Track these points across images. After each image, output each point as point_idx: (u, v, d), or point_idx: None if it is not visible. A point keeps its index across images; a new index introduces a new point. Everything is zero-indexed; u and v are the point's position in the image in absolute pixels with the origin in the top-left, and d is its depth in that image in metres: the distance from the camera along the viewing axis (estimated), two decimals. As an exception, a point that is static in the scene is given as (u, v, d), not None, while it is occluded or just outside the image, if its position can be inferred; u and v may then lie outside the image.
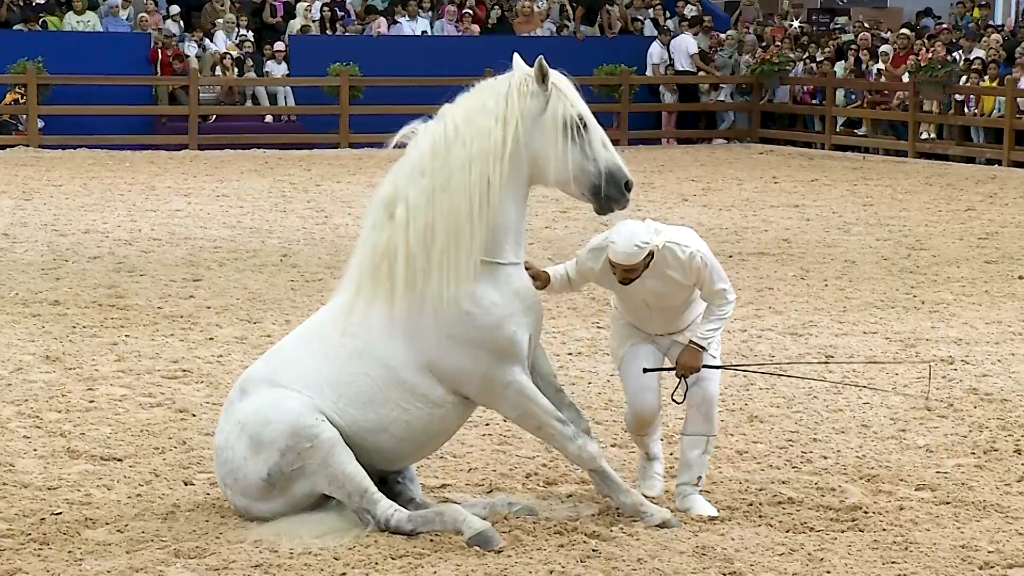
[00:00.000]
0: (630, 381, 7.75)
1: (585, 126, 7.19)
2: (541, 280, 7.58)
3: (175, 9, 31.06)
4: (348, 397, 7.20)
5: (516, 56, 7.32)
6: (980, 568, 6.92)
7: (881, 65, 30.14)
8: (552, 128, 7.17)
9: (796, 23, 34.40)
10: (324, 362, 7.25)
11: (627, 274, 7.39)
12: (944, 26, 31.91)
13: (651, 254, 7.35)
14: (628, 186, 7.28)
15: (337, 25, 31.65)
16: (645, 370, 7.64)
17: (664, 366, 7.72)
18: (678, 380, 7.58)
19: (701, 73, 32.15)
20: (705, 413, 7.62)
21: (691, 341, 7.53)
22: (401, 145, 7.31)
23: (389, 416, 7.20)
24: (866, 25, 32.79)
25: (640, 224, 7.42)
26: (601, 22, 33.01)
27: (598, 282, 7.69)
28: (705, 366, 7.53)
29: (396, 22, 32.01)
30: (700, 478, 7.66)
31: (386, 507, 7.18)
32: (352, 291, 7.30)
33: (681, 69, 32.18)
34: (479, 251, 7.12)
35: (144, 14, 30.32)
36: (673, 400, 7.68)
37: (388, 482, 7.52)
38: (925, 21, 33.98)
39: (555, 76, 7.30)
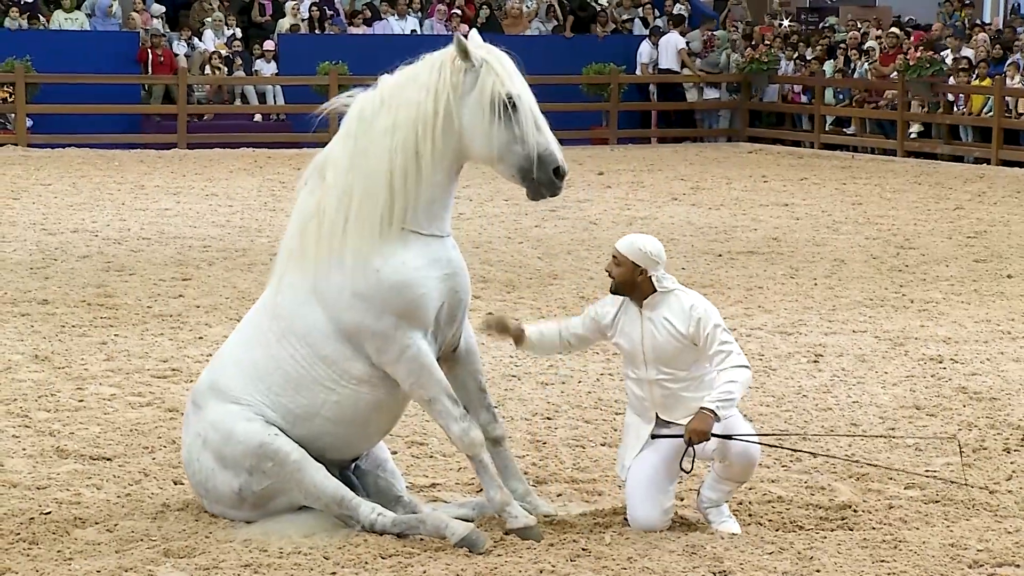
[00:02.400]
0: (635, 496, 7.33)
1: (514, 105, 7.02)
2: (515, 338, 7.47)
3: (158, 8, 31.04)
4: (279, 385, 7.19)
5: (458, 37, 7.22)
6: (969, 567, 6.93)
7: (866, 66, 30.16)
8: (478, 104, 7.04)
9: (786, 22, 34.41)
10: (257, 352, 7.26)
11: (613, 264, 7.26)
12: (933, 25, 31.96)
13: (643, 273, 7.21)
14: (559, 172, 7.07)
15: (326, 24, 31.66)
16: (653, 435, 7.30)
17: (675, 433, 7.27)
18: (686, 447, 7.14)
19: (687, 71, 32.14)
20: (743, 470, 7.28)
21: (702, 407, 7.11)
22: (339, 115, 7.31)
23: (318, 398, 7.17)
24: (858, 24, 32.80)
25: (656, 243, 7.28)
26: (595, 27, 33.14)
27: (610, 328, 7.37)
28: (714, 435, 7.12)
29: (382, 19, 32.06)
30: (725, 503, 7.40)
31: (368, 511, 7.16)
32: (280, 264, 7.31)
33: (664, 68, 32.15)
34: (399, 218, 7.07)
35: (134, 13, 30.29)
36: (681, 469, 7.23)
37: (370, 477, 7.51)
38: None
39: (490, 53, 7.14)
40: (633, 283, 7.28)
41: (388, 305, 7.04)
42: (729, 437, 7.17)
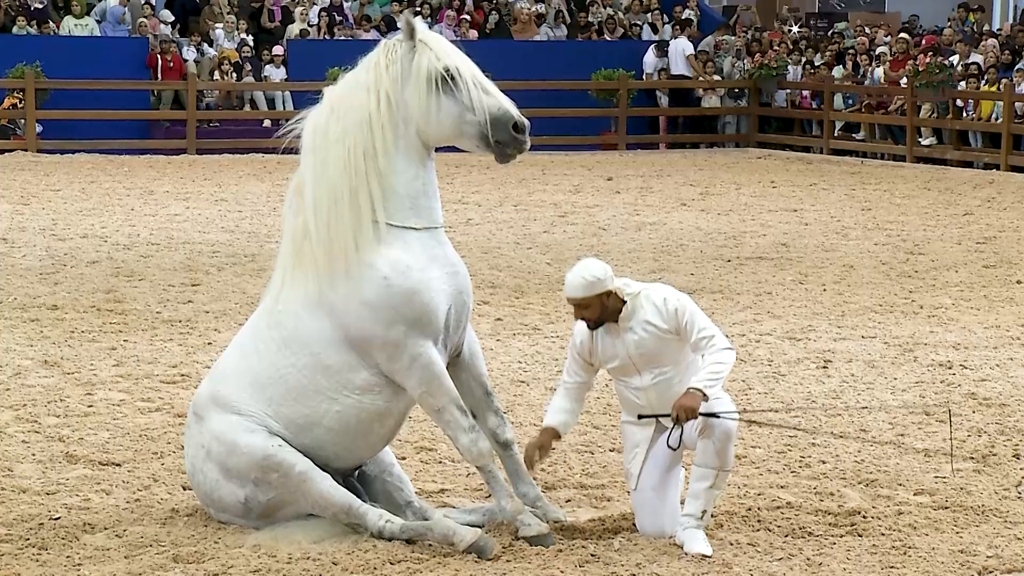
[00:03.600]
0: (642, 503, 7.33)
1: (453, 77, 7.06)
2: (549, 444, 7.32)
3: (167, 15, 31.09)
4: (280, 395, 7.19)
5: (406, 17, 7.30)
6: (979, 573, 6.93)
7: (881, 70, 30.15)
8: (417, 85, 7.10)
9: (795, 28, 34.41)
10: (257, 361, 7.26)
11: (581, 312, 7.15)
12: (944, 31, 31.94)
13: (609, 295, 7.11)
14: (519, 127, 7.09)
15: (335, 29, 31.71)
16: (640, 416, 7.26)
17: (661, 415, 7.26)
18: (673, 424, 7.10)
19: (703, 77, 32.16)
20: (720, 448, 7.14)
21: (690, 386, 7.03)
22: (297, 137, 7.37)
23: (320, 408, 7.16)
24: (866, 30, 32.80)
25: (595, 261, 7.18)
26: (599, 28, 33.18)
27: (592, 357, 7.29)
28: (703, 414, 7.06)
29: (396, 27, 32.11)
30: (705, 513, 7.19)
31: (375, 519, 7.16)
32: (278, 280, 7.34)
33: (676, 73, 32.19)
34: (371, 215, 7.09)
35: (143, 19, 30.35)
36: (669, 446, 7.20)
37: (378, 483, 7.51)
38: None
39: (424, 33, 7.21)
40: (607, 310, 7.18)
41: (399, 314, 7.05)
42: (715, 415, 7.11)
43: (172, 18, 31.12)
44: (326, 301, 7.15)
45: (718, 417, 7.13)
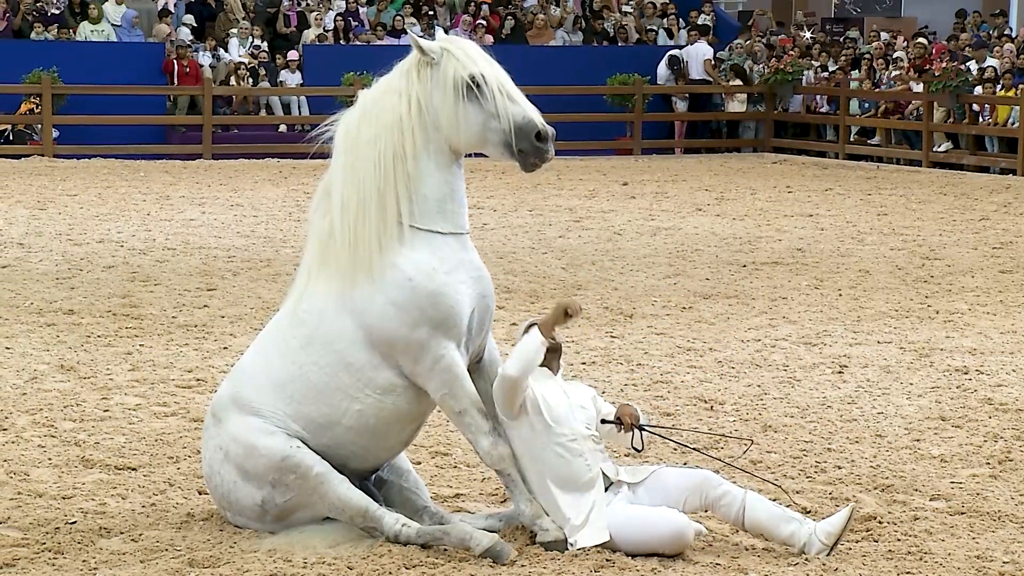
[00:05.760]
0: (646, 520, 7.14)
1: (479, 85, 7.12)
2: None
3: (190, 20, 31.18)
4: (300, 393, 7.20)
5: (411, 35, 7.41)
6: (995, 579, 6.92)
7: (895, 74, 30.13)
8: (444, 92, 7.16)
9: (809, 33, 34.40)
10: (278, 361, 7.28)
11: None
12: (959, 35, 31.90)
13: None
14: (541, 136, 7.12)
15: (351, 35, 31.77)
16: (603, 421, 7.32)
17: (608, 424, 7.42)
18: (631, 432, 7.24)
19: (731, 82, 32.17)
20: (723, 492, 7.15)
21: (622, 403, 7.40)
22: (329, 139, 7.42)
23: (340, 407, 7.18)
24: (880, 35, 32.78)
25: None
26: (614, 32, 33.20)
27: (537, 404, 7.19)
28: (640, 426, 7.24)
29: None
30: (797, 517, 7.15)
31: (392, 522, 7.16)
32: (302, 280, 7.37)
33: (694, 78, 32.21)
34: (397, 217, 7.14)
35: (161, 24, 30.43)
36: (633, 448, 7.27)
37: (394, 488, 7.52)
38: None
39: (450, 43, 7.30)
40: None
41: (424, 315, 7.08)
42: (653, 427, 7.54)
43: (194, 24, 31.21)
44: (350, 301, 7.18)
45: (643, 429, 7.32)
